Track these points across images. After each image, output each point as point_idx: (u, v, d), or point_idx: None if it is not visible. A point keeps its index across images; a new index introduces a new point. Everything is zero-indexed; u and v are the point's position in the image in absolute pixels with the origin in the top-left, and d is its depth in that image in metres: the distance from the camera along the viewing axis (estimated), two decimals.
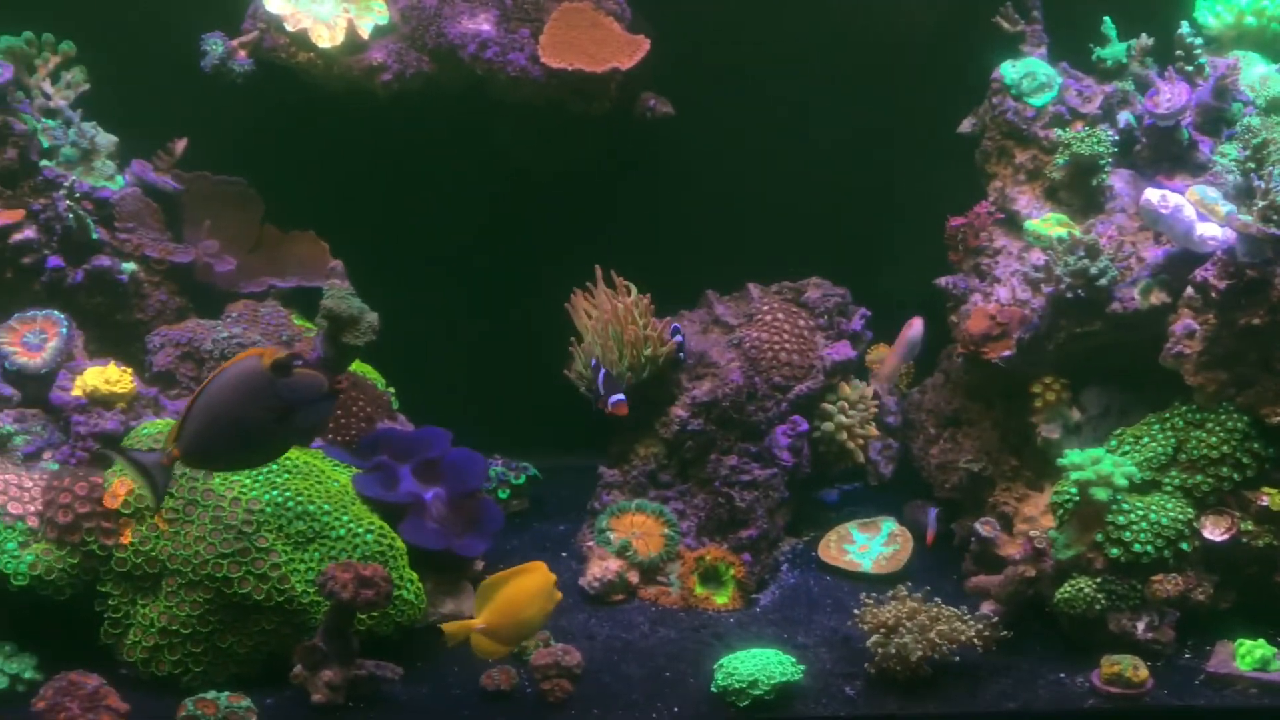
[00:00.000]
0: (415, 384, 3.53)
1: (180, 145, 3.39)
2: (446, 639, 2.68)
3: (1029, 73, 3.33)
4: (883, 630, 2.76)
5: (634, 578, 3.17)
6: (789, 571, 3.35)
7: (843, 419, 3.37)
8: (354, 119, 3.48)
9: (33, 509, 2.73)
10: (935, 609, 2.80)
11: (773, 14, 3.62)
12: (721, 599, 3.15)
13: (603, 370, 3.20)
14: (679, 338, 3.33)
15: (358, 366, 3.30)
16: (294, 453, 2.90)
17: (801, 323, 3.42)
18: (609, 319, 3.27)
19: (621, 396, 3.14)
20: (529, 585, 2.70)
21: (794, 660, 2.76)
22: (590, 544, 3.23)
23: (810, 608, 3.15)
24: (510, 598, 2.68)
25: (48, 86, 3.29)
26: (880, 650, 2.74)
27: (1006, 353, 3.08)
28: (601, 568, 3.15)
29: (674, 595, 3.17)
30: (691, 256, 3.65)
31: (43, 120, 3.24)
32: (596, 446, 3.54)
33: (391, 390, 3.48)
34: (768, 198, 3.77)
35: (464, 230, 3.73)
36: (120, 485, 2.73)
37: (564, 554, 3.39)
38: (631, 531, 3.22)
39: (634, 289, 3.35)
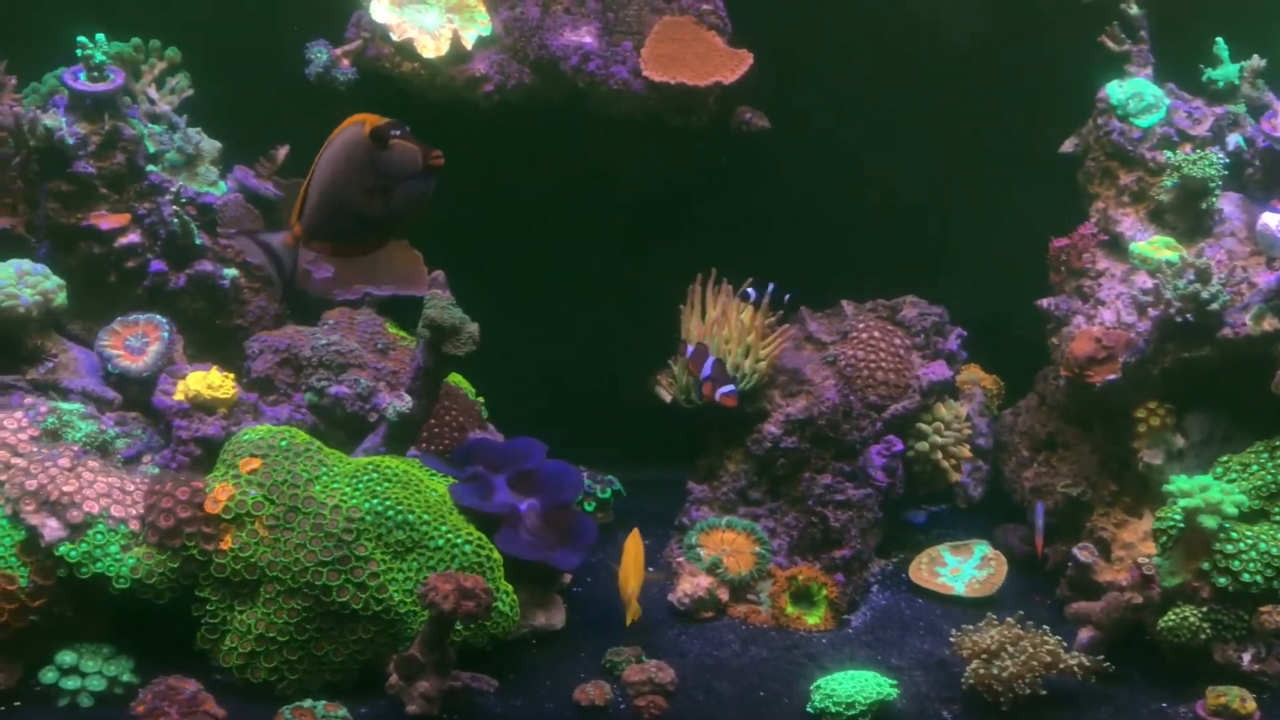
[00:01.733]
0: (500, 394, 3.53)
1: (282, 152, 3.42)
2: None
3: (1136, 93, 3.29)
4: (983, 656, 2.72)
5: (724, 595, 3.15)
6: (880, 593, 3.32)
7: (938, 439, 3.34)
8: (452, 129, 3.46)
9: (135, 512, 2.74)
10: (1037, 636, 2.76)
11: (870, 29, 3.59)
12: (813, 619, 3.13)
13: (712, 358, 3.19)
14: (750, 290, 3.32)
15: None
16: (392, 461, 2.92)
17: (898, 341, 3.39)
18: (727, 321, 3.28)
19: (732, 388, 3.14)
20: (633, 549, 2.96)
21: (892, 682, 2.74)
22: (680, 560, 3.21)
23: (903, 630, 3.12)
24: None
25: (153, 92, 3.34)
26: (980, 674, 2.71)
27: (1111, 376, 3.04)
28: (692, 584, 3.13)
29: (764, 614, 3.14)
30: (783, 272, 3.62)
31: (149, 125, 3.27)
32: (678, 460, 3.54)
33: (481, 400, 3.49)
34: (860, 214, 3.75)
35: (553, 241, 3.74)
36: (221, 490, 2.75)
37: (650, 569, 3.36)
38: (722, 548, 3.20)
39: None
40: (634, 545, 2.94)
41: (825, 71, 3.61)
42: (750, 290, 3.30)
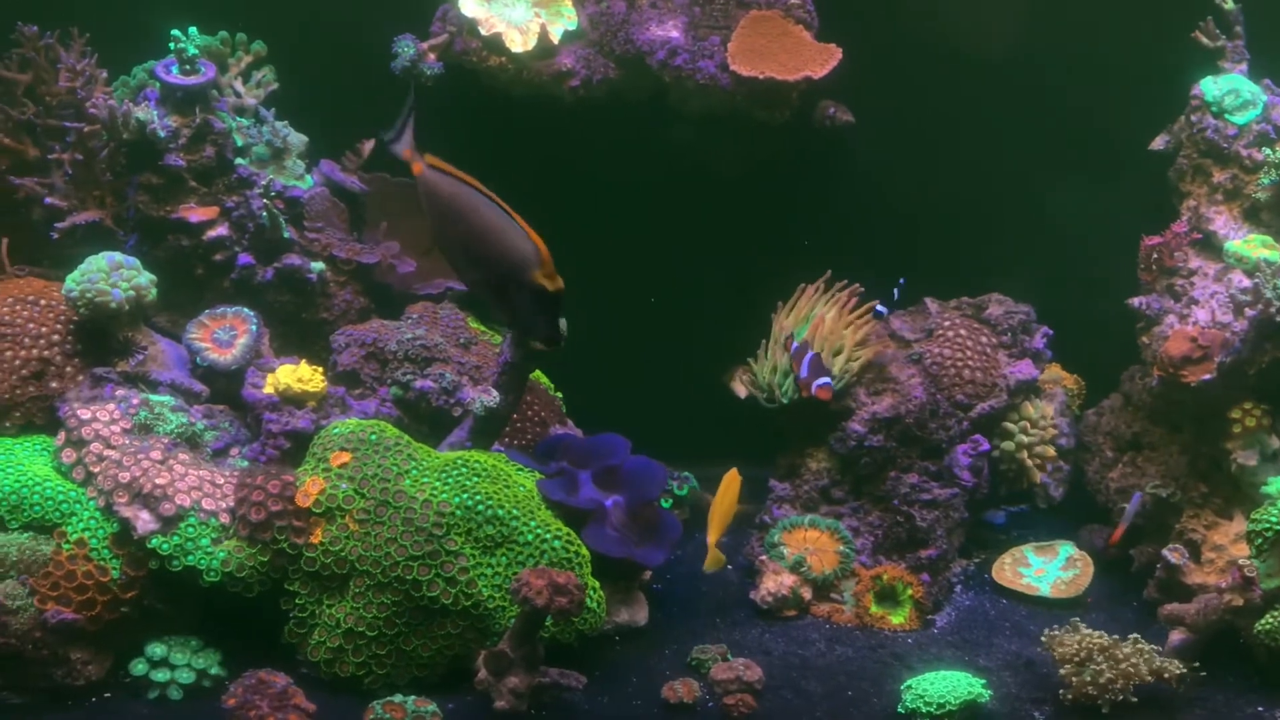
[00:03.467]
0: (576, 389, 3.53)
1: (367, 146, 3.43)
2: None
3: (1232, 89, 3.24)
4: (1075, 660, 2.69)
5: (807, 594, 3.13)
6: (963, 593, 3.29)
7: (1024, 439, 3.30)
8: (534, 123, 3.49)
9: (225, 506, 2.75)
10: (1130, 644, 2.73)
11: (955, 22, 3.55)
12: (898, 619, 3.10)
13: (811, 353, 3.17)
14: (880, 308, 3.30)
15: None
16: (480, 455, 2.92)
17: (984, 339, 3.36)
18: (823, 321, 3.27)
19: (829, 380, 3.13)
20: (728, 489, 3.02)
21: (983, 683, 2.71)
22: (763, 558, 3.19)
23: (989, 630, 3.09)
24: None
25: (239, 85, 3.34)
26: (1074, 679, 2.68)
27: (1206, 376, 2.99)
28: (775, 582, 3.11)
29: (848, 613, 3.12)
30: (863, 268, 3.59)
31: (236, 118, 3.28)
32: (752, 457, 3.52)
33: (559, 395, 3.49)
34: (940, 210, 3.72)
35: (629, 237, 3.72)
36: (312, 484, 2.75)
37: (729, 566, 3.35)
38: (805, 547, 3.18)
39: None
40: (730, 485, 2.98)
41: (908, 65, 3.57)
42: (882, 308, 3.29)
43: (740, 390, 3.49)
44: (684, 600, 3.17)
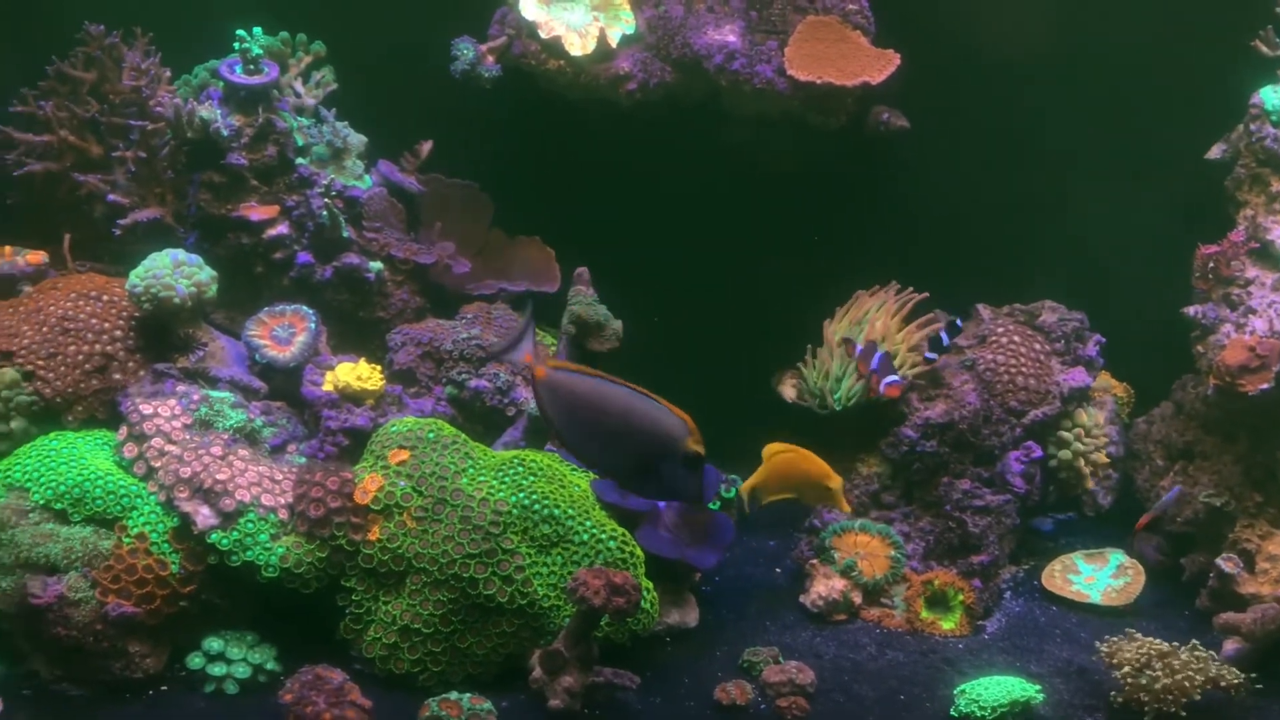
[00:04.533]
0: None
1: (425, 147, 3.45)
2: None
3: None
4: (1131, 666, 2.68)
5: (857, 598, 3.13)
6: (1012, 599, 3.28)
7: (1079, 446, 3.29)
8: (587, 127, 3.50)
9: (284, 501, 2.78)
10: (1188, 651, 2.71)
11: (1011, 29, 3.54)
12: (948, 624, 3.10)
13: (880, 352, 3.17)
14: (931, 354, 3.29)
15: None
16: (536, 454, 2.94)
17: (1037, 346, 3.35)
18: (882, 328, 3.29)
19: (898, 379, 3.14)
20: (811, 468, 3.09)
21: (1037, 688, 2.71)
22: (813, 561, 3.19)
23: (1040, 637, 3.08)
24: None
25: (299, 85, 3.37)
26: (1130, 683, 2.67)
27: (1265, 385, 2.98)
28: (826, 586, 3.12)
29: (898, 618, 3.12)
30: (912, 273, 3.59)
31: (296, 118, 3.30)
32: None
33: None
34: (990, 216, 3.70)
35: (681, 240, 3.73)
36: (371, 481, 2.78)
37: (777, 569, 3.37)
38: (855, 551, 3.18)
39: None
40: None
41: (957, 70, 3.56)
42: (944, 334, 3.28)
43: (789, 394, 3.49)
44: (733, 602, 3.18)
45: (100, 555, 2.67)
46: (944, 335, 3.27)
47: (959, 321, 3.31)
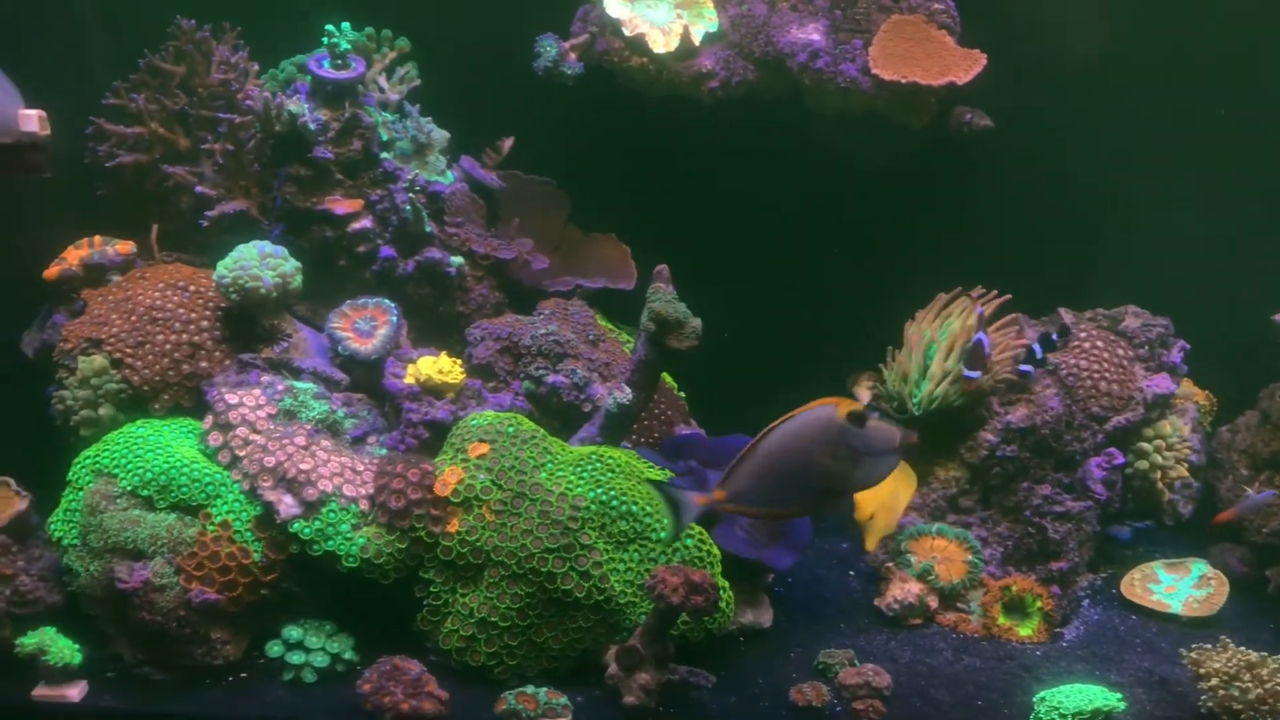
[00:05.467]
0: (700, 389, 3.53)
1: (507, 144, 3.46)
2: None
3: None
4: (1220, 677, 2.64)
5: (933, 602, 3.10)
6: (1090, 607, 3.24)
7: (1159, 458, 3.25)
8: (666, 124, 3.50)
9: (365, 492, 2.80)
10: (1275, 662, 2.66)
11: (1096, 29, 3.48)
12: (1026, 630, 3.06)
13: (985, 338, 3.15)
14: (1026, 368, 3.24)
15: None
16: (613, 451, 2.94)
17: (1120, 352, 3.31)
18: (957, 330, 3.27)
19: (977, 374, 3.13)
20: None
21: (1118, 696, 2.68)
22: (889, 565, 3.17)
23: (1120, 646, 3.04)
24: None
25: (383, 81, 3.40)
26: (1221, 691, 2.63)
27: None
28: (902, 590, 3.09)
29: (975, 623, 3.09)
30: (994, 276, 3.55)
31: (382, 113, 3.33)
32: None
33: (683, 395, 3.50)
34: (1075, 219, 3.67)
35: (758, 238, 3.73)
36: (451, 474, 2.79)
37: (851, 572, 3.34)
38: (932, 555, 3.15)
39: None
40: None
41: (1043, 71, 3.52)
42: (1028, 368, 3.24)
43: (864, 397, 3.47)
44: (805, 604, 3.16)
45: (185, 542, 2.70)
46: (1037, 348, 3.22)
47: (1054, 336, 3.27)
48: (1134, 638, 3.09)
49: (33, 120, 2.70)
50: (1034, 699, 2.71)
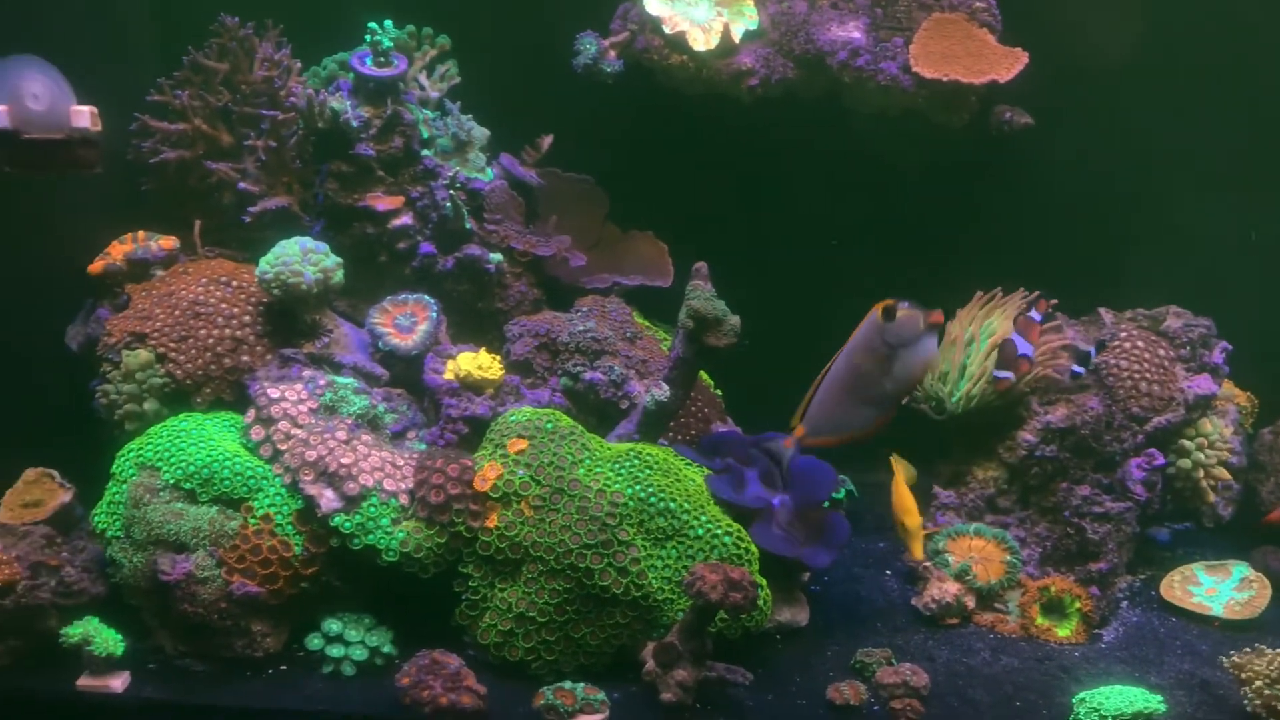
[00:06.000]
0: (735, 387, 3.53)
1: (546, 141, 3.47)
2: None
3: None
4: (1264, 680, 2.62)
5: (971, 602, 3.09)
6: (1129, 609, 3.22)
7: (1201, 456, 3.23)
8: (705, 122, 3.50)
9: (405, 487, 2.81)
10: None
11: (1137, 27, 3.48)
12: (1064, 631, 3.05)
13: (1017, 338, 3.14)
14: (1079, 369, 3.23)
15: None
16: (651, 448, 2.95)
17: (1161, 352, 3.28)
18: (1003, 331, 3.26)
19: (1009, 375, 3.12)
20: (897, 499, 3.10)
21: (1159, 699, 2.65)
22: (927, 564, 3.16)
23: (1159, 648, 3.02)
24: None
25: (424, 78, 3.42)
26: (1266, 691, 2.61)
27: None
28: (940, 589, 3.08)
29: (1012, 623, 3.07)
30: (1034, 275, 3.53)
31: (423, 110, 3.34)
32: (911, 462, 3.48)
33: (719, 392, 3.50)
34: (1115, 218, 3.65)
35: (795, 236, 3.73)
36: (490, 469, 2.80)
37: (888, 571, 3.34)
38: (970, 555, 3.14)
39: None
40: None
41: (1088, 69, 3.50)
42: (1078, 369, 3.23)
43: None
44: (842, 602, 3.16)
45: (226, 535, 2.72)
46: (1093, 351, 3.22)
47: (1092, 350, 3.26)
48: (1174, 640, 3.07)
49: (85, 116, 2.74)
50: (1073, 700, 2.69)
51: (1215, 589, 3.21)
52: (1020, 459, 3.20)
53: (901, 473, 3.12)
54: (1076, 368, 3.20)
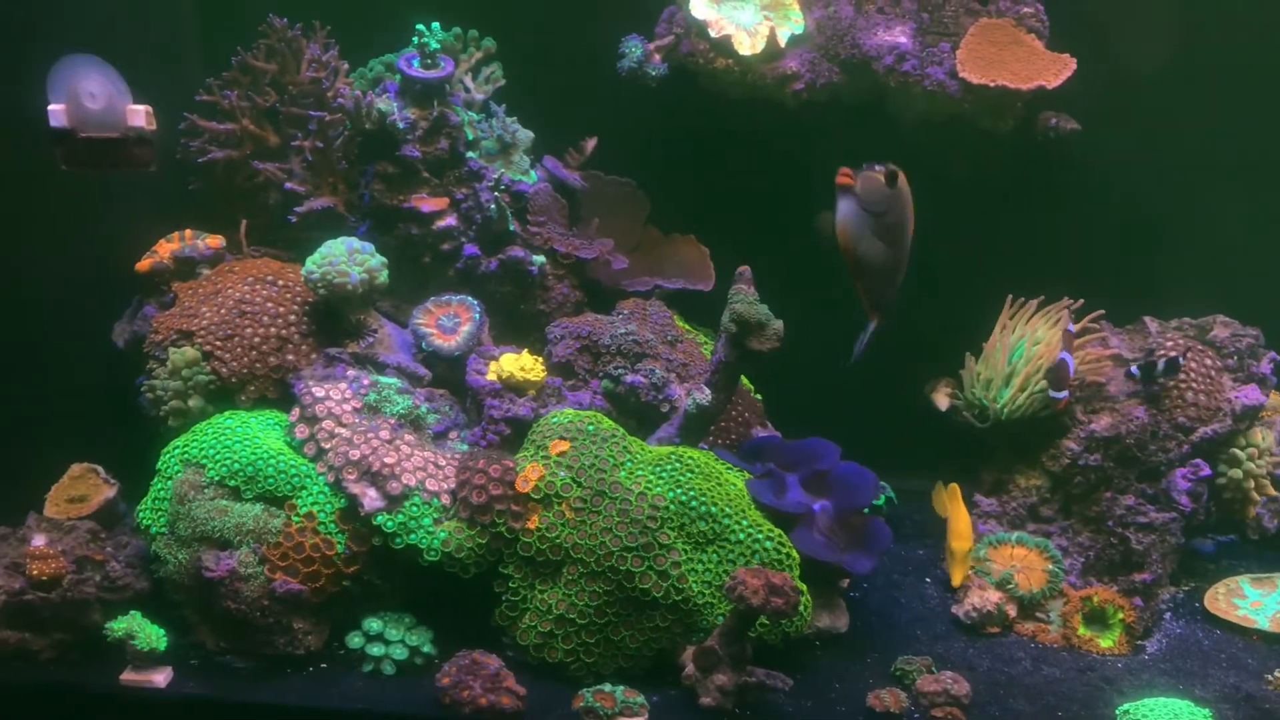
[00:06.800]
0: (774, 392, 3.53)
1: (590, 144, 3.48)
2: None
3: None
4: None
5: (1012, 611, 3.07)
6: (1173, 620, 3.19)
7: (1251, 467, 3.19)
8: (748, 126, 3.50)
9: (446, 487, 2.82)
10: None
11: (1183, 31, 3.45)
12: (1106, 642, 3.02)
13: (1069, 357, 3.13)
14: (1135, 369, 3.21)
15: None
16: (693, 452, 2.94)
17: (1208, 362, 3.25)
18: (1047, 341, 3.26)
19: (1065, 394, 3.13)
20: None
21: (1206, 713, 2.63)
22: (968, 572, 3.14)
23: (1204, 661, 2.99)
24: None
25: (469, 80, 3.43)
26: None
27: None
28: (981, 598, 3.06)
29: (1054, 633, 3.05)
30: (1076, 282, 3.51)
31: (468, 113, 3.36)
32: (950, 470, 3.47)
33: (759, 397, 3.49)
34: (1161, 226, 3.61)
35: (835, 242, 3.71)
36: (532, 470, 2.81)
37: (927, 579, 3.32)
38: (1011, 564, 3.12)
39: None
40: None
41: (1135, 75, 3.46)
42: (1134, 368, 3.22)
43: (943, 404, 3.44)
44: (882, 609, 3.15)
45: (270, 532, 2.74)
46: (1161, 364, 3.19)
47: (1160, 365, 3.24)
48: (1219, 653, 3.04)
49: (140, 115, 2.77)
50: (1117, 712, 2.68)
51: (1261, 602, 3.17)
52: (1064, 467, 3.18)
53: (959, 498, 3.15)
54: (1134, 368, 3.19)
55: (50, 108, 2.75)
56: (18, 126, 2.89)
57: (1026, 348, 3.26)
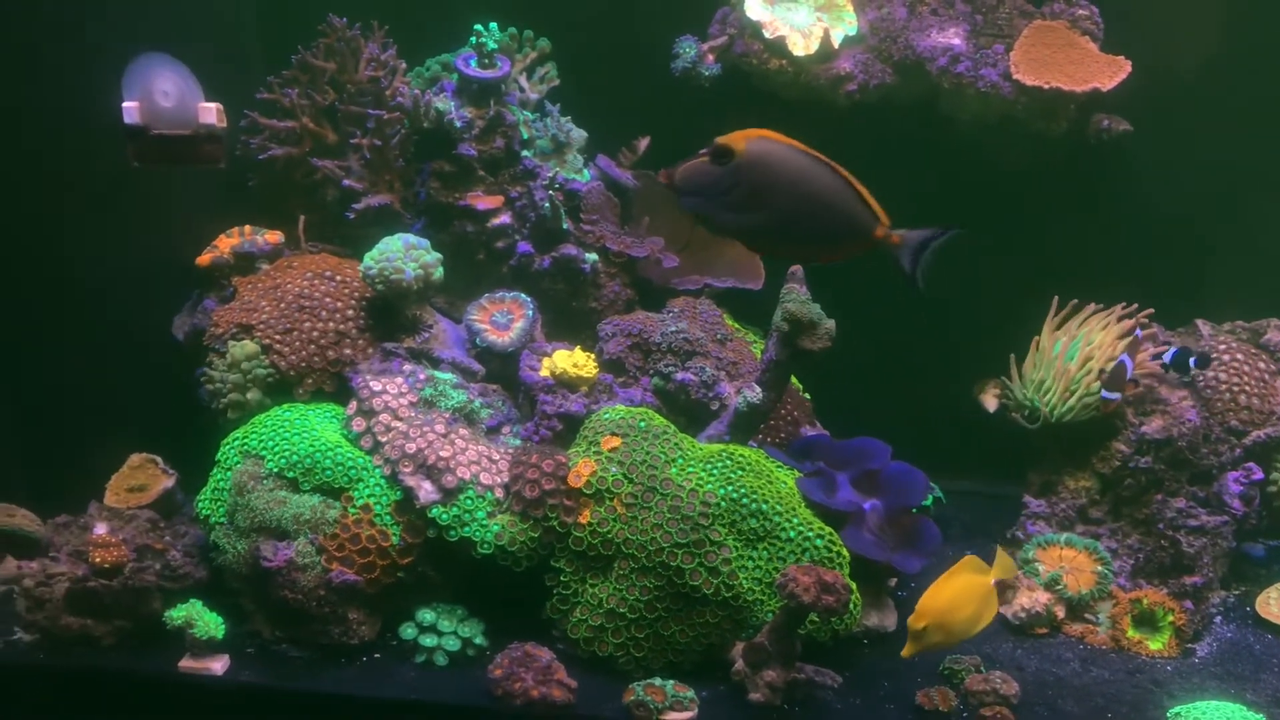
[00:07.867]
0: (822, 392, 3.53)
1: (643, 143, 3.50)
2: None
3: None
4: None
5: (1060, 612, 3.07)
6: (1223, 624, 3.17)
7: None
8: (800, 127, 3.49)
9: (500, 481, 2.86)
10: None
11: (1235, 33, 3.44)
12: (1156, 644, 3.02)
13: (1129, 360, 3.11)
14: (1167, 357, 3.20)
15: None
16: (743, 449, 2.96)
17: (1262, 365, 3.24)
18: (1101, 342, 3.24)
19: (1117, 395, 3.10)
20: (962, 587, 2.64)
21: (1262, 719, 2.62)
22: (1017, 573, 3.14)
23: (1256, 666, 2.97)
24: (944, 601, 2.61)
25: (524, 80, 3.46)
26: None
27: None
28: (1030, 598, 3.07)
29: (1102, 635, 3.05)
30: (1128, 285, 3.50)
31: (523, 112, 3.39)
32: (998, 471, 3.48)
33: (808, 396, 3.51)
34: (1214, 229, 3.59)
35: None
36: (584, 466, 2.84)
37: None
38: (1060, 565, 3.12)
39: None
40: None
41: (1189, 77, 3.46)
42: (1194, 362, 3.20)
43: (991, 405, 3.44)
44: None
45: (327, 524, 2.78)
46: (1193, 362, 3.19)
47: (1193, 360, 3.22)
48: (1271, 657, 3.02)
49: (211, 113, 2.83)
50: (1168, 715, 2.67)
51: None
52: (1114, 470, 3.17)
53: (971, 568, 2.72)
54: (1167, 356, 3.18)
55: (124, 105, 2.82)
56: (87, 124, 2.96)
57: (1081, 349, 3.26)
